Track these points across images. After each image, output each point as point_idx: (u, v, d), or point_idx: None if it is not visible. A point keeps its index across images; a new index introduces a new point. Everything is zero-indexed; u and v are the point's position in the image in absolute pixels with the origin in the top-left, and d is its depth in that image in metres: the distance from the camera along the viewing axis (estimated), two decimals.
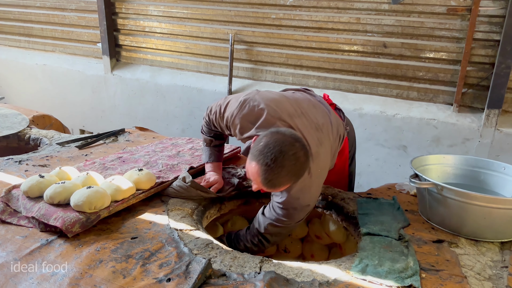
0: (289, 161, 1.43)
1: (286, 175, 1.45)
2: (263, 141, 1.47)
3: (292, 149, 1.44)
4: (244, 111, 1.72)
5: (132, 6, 4.53)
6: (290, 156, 1.44)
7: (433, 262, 1.45)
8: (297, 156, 1.45)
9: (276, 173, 1.43)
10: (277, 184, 1.47)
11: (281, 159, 1.42)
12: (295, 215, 1.72)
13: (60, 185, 1.63)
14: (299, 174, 1.50)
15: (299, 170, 1.48)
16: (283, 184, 1.48)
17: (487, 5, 3.06)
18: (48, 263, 1.36)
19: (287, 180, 1.47)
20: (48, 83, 5.22)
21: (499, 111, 3.13)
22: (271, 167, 1.42)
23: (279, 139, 1.46)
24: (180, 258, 1.38)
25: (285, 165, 1.43)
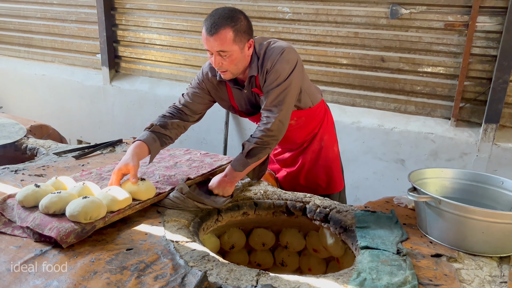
0: (223, 10, 1.82)
1: (222, 17, 1.78)
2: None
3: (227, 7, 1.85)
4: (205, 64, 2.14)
5: (132, 18, 4.56)
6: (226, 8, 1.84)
7: (432, 276, 1.44)
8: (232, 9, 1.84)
9: (214, 17, 1.79)
10: (216, 26, 1.76)
11: (217, 10, 1.83)
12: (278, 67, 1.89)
13: (55, 195, 1.61)
14: (234, 19, 1.79)
15: (233, 16, 1.80)
16: (222, 26, 1.77)
17: (484, 21, 3.10)
18: (42, 274, 1.34)
19: (224, 22, 1.77)
20: (46, 93, 5.23)
21: (497, 125, 3.14)
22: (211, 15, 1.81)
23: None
24: (176, 270, 1.36)
25: (220, 12, 1.81)
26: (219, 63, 1.86)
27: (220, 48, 1.80)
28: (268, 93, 1.91)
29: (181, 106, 2.14)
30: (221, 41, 1.78)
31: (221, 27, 1.77)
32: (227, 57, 1.83)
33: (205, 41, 1.82)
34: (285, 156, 2.45)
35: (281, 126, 1.92)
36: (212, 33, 1.77)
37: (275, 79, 1.89)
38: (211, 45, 1.80)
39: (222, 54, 1.82)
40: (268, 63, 1.90)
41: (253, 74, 1.94)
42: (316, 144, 2.37)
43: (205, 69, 2.11)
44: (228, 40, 1.78)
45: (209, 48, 1.83)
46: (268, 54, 1.92)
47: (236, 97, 2.13)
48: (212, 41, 1.79)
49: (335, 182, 2.45)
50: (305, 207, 1.99)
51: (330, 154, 2.42)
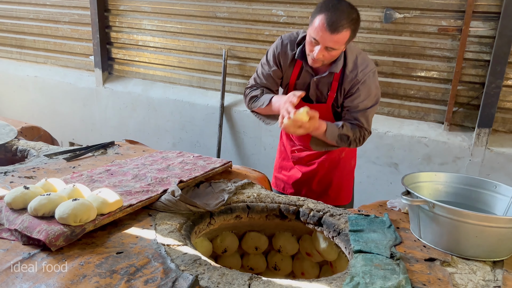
0: (347, 7, 1.74)
1: (347, 18, 1.72)
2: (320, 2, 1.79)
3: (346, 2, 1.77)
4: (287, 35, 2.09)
5: (126, 20, 4.54)
6: (346, 4, 1.75)
7: (425, 280, 1.43)
8: (351, 6, 1.76)
9: (338, 15, 1.70)
10: (340, 26, 1.70)
11: (339, 5, 1.73)
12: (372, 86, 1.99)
13: (45, 197, 1.58)
14: (355, 22, 1.76)
15: (356, 18, 1.76)
16: (344, 27, 1.72)
17: (477, 25, 3.12)
18: (30, 278, 1.31)
19: (347, 24, 1.72)
20: (39, 95, 5.18)
21: (490, 130, 3.16)
22: (333, 9, 1.71)
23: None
24: (167, 274, 1.34)
25: (344, 9, 1.73)
26: (322, 56, 1.85)
27: (333, 46, 1.79)
28: (365, 112, 2.02)
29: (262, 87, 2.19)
30: (338, 41, 1.77)
31: (344, 28, 1.73)
32: (331, 52, 1.83)
33: (319, 31, 1.76)
34: (302, 154, 2.43)
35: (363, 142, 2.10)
36: (333, 30, 1.72)
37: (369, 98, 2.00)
38: (325, 39, 1.76)
39: (329, 49, 1.81)
40: (360, 75, 1.94)
41: (335, 71, 1.97)
42: (336, 154, 2.37)
43: (285, 40, 2.08)
44: (343, 41, 1.78)
45: (320, 40, 1.78)
46: (360, 63, 1.96)
47: (300, 80, 2.13)
48: (328, 37, 1.75)
49: (344, 195, 2.45)
50: (298, 210, 1.98)
51: (347, 167, 2.43)
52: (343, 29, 1.73)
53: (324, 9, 1.74)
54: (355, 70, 1.95)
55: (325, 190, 2.42)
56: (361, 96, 1.98)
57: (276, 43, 2.10)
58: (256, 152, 4.04)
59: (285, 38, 2.09)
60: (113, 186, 1.94)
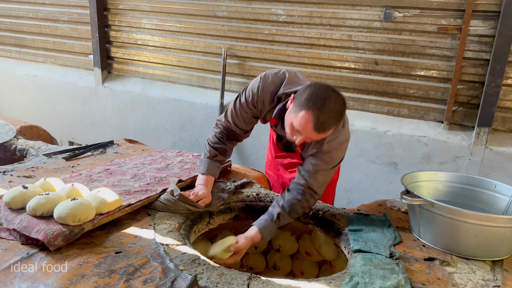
0: (335, 104, 1.60)
1: (335, 117, 1.61)
2: (307, 91, 1.62)
3: (334, 94, 1.62)
4: (269, 79, 1.89)
5: (125, 19, 4.53)
6: (333, 98, 1.61)
7: (424, 280, 1.43)
8: (339, 100, 1.63)
9: (327, 116, 1.58)
10: (327, 127, 1.61)
11: (329, 102, 1.58)
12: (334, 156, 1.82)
13: (43, 197, 1.58)
14: (342, 116, 1.66)
15: (343, 112, 1.65)
16: (331, 127, 1.63)
17: (477, 24, 3.11)
18: (28, 278, 1.31)
19: (335, 122, 1.63)
20: (38, 94, 5.17)
21: (489, 129, 3.15)
22: (322, 110, 1.57)
23: (322, 87, 1.63)
24: (165, 274, 1.33)
25: (332, 108, 1.59)
26: (301, 144, 1.77)
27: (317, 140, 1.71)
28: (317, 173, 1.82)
29: (234, 126, 2.04)
30: (322, 137, 1.68)
31: (332, 127, 1.63)
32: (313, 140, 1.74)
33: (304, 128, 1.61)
34: (284, 161, 2.42)
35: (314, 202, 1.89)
36: (320, 131, 1.61)
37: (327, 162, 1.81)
38: (309, 136, 1.65)
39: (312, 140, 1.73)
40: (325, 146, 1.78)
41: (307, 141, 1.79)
42: None
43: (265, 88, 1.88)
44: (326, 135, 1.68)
45: (304, 135, 1.65)
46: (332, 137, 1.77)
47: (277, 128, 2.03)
48: (314, 135, 1.63)
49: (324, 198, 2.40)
50: None
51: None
52: (331, 128, 1.63)
53: (311, 107, 1.58)
54: (323, 141, 1.78)
55: None
56: (320, 163, 1.81)
57: (256, 86, 1.90)
58: (255, 151, 4.04)
59: (266, 84, 1.88)
60: (112, 186, 1.93)
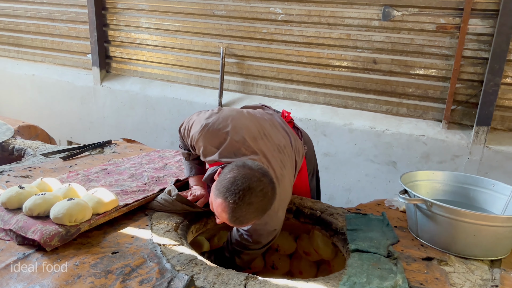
0: (257, 197, 1.40)
1: (254, 212, 1.41)
2: (230, 176, 1.42)
3: (260, 185, 1.40)
4: (207, 134, 1.72)
5: (123, 18, 4.52)
6: (258, 193, 1.40)
7: (422, 280, 1.42)
8: (265, 192, 1.42)
9: (244, 211, 1.39)
10: (244, 222, 1.43)
11: (249, 196, 1.38)
12: (262, 240, 1.71)
13: (40, 197, 1.57)
14: (266, 209, 1.45)
15: (266, 205, 1.44)
16: (250, 221, 1.44)
17: (475, 23, 3.10)
18: (24, 278, 1.30)
19: (254, 217, 1.43)
20: (36, 94, 5.16)
21: (488, 128, 3.15)
22: (239, 205, 1.38)
23: (246, 175, 1.41)
24: (162, 275, 1.33)
25: (253, 202, 1.39)
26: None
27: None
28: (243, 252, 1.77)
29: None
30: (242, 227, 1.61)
31: (250, 221, 1.45)
32: None
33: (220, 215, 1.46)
34: None
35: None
36: (236, 224, 1.47)
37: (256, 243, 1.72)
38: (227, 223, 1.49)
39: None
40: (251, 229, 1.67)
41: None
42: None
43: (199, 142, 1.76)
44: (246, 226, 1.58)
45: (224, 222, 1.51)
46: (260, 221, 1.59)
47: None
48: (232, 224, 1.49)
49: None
50: (296, 209, 1.97)
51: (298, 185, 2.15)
52: (249, 222, 1.46)
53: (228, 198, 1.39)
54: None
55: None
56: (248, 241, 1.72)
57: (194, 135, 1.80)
58: None
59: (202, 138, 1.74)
60: (109, 186, 1.93)
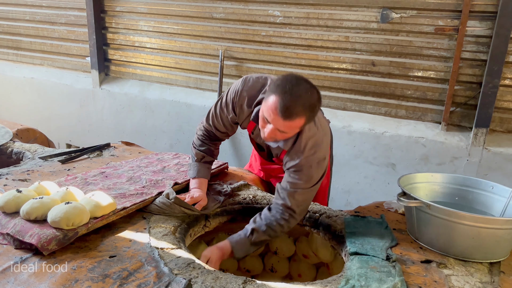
0: (305, 91, 1.55)
1: (302, 105, 1.54)
2: (280, 79, 1.59)
3: (306, 83, 1.58)
4: (249, 83, 1.85)
5: (122, 21, 4.52)
6: (305, 87, 1.56)
7: (421, 283, 1.42)
8: (311, 89, 1.57)
9: (293, 100, 1.52)
10: (293, 113, 1.53)
11: (297, 88, 1.54)
12: (313, 174, 1.74)
13: (37, 200, 1.57)
14: (312, 109, 1.58)
15: (313, 104, 1.57)
16: (298, 115, 1.55)
17: (474, 25, 3.10)
18: (21, 283, 1.30)
19: (302, 111, 1.55)
20: (35, 97, 5.16)
21: (487, 130, 3.15)
22: (289, 93, 1.53)
23: (295, 76, 1.59)
24: (160, 279, 1.32)
25: (301, 94, 1.54)
26: (273, 137, 1.66)
27: (285, 130, 1.61)
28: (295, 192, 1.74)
29: (214, 129, 2.03)
30: (290, 126, 1.59)
31: (299, 115, 1.55)
32: (284, 134, 1.64)
33: (271, 113, 1.56)
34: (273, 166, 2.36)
35: (296, 222, 1.82)
36: (286, 117, 1.54)
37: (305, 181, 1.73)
38: (277, 123, 1.58)
39: (282, 132, 1.62)
40: (303, 160, 1.71)
41: (284, 148, 1.76)
42: None
43: (244, 92, 1.84)
44: (296, 126, 1.60)
45: (272, 122, 1.59)
46: (308, 147, 1.71)
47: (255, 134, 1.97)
48: (280, 122, 1.56)
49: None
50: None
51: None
52: (297, 116, 1.54)
53: (280, 91, 1.54)
54: (301, 154, 1.72)
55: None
56: (297, 182, 1.74)
57: (236, 90, 1.88)
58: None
59: (246, 88, 1.85)
60: (107, 189, 1.92)
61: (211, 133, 2.06)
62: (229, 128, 2.01)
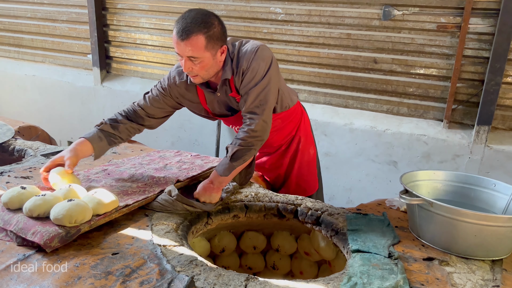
0: (196, 13, 1.73)
1: (195, 23, 1.70)
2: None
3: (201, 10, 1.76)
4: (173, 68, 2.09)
5: (123, 18, 4.52)
6: (198, 11, 1.75)
7: (423, 280, 1.42)
8: (206, 13, 1.76)
9: (186, 22, 1.70)
10: (189, 33, 1.69)
11: (189, 13, 1.74)
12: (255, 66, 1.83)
13: (40, 198, 1.57)
14: (207, 25, 1.72)
15: (206, 21, 1.72)
16: (193, 32, 1.69)
17: (476, 22, 3.10)
18: (24, 280, 1.30)
19: (196, 28, 1.69)
20: (37, 94, 5.16)
21: (489, 127, 3.14)
22: (182, 18, 1.73)
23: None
24: (162, 276, 1.32)
25: (193, 16, 1.72)
26: (190, 68, 1.79)
27: (191, 54, 1.73)
28: (247, 94, 1.85)
29: (139, 108, 2.10)
30: (192, 47, 1.71)
31: (193, 33, 1.69)
32: (198, 63, 1.76)
33: (175, 44, 1.74)
34: (263, 159, 2.42)
35: (265, 125, 1.86)
36: (183, 38, 1.70)
37: (252, 78, 1.84)
38: (181, 49, 1.73)
39: (193, 59, 1.75)
40: (243, 63, 1.83)
41: (227, 77, 1.87)
42: (293, 146, 2.34)
43: (172, 73, 2.04)
44: (199, 47, 1.72)
45: (179, 52, 1.75)
46: (241, 54, 1.86)
47: (209, 100, 2.05)
48: (182, 46, 1.72)
49: (308, 185, 2.42)
50: (296, 209, 1.97)
51: (306, 156, 2.38)
52: (193, 34, 1.69)
53: (177, 21, 1.74)
54: (239, 62, 1.85)
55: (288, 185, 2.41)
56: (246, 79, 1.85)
57: (163, 79, 2.08)
58: None
59: (171, 71, 2.06)
60: (109, 186, 1.93)
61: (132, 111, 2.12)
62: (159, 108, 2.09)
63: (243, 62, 1.83)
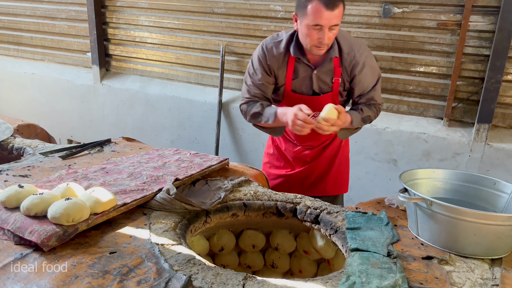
0: None
1: None
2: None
3: None
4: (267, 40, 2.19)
5: (123, 16, 4.51)
6: None
7: (422, 279, 1.41)
8: None
9: None
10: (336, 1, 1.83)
11: None
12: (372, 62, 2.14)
13: (37, 196, 1.56)
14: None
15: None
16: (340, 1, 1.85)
17: (476, 20, 3.08)
18: (21, 279, 1.29)
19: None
20: (36, 92, 5.16)
21: (489, 125, 3.13)
22: None
23: None
24: (160, 275, 1.32)
25: None
26: (330, 38, 1.93)
27: (336, 22, 1.88)
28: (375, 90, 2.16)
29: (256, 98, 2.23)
30: (338, 16, 1.87)
31: (339, 1, 1.86)
32: (334, 31, 1.92)
33: (320, 14, 1.84)
34: (306, 153, 2.45)
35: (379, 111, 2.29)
36: (333, 7, 1.83)
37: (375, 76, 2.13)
38: (329, 19, 1.85)
39: (333, 28, 1.89)
40: (357, 55, 2.04)
41: (334, 55, 2.05)
42: (336, 143, 2.42)
43: (269, 45, 2.14)
44: (341, 14, 1.90)
45: (325, 23, 1.85)
46: (353, 43, 2.07)
47: (298, 75, 2.16)
48: (331, 15, 1.84)
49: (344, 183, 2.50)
50: (295, 208, 1.96)
51: (345, 154, 2.49)
52: (340, 2, 1.85)
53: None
54: (352, 51, 2.05)
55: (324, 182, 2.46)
56: (368, 77, 2.10)
57: (260, 50, 2.16)
58: (254, 149, 4.02)
59: (267, 43, 2.16)
60: (107, 185, 1.92)
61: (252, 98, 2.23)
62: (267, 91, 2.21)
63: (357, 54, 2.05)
